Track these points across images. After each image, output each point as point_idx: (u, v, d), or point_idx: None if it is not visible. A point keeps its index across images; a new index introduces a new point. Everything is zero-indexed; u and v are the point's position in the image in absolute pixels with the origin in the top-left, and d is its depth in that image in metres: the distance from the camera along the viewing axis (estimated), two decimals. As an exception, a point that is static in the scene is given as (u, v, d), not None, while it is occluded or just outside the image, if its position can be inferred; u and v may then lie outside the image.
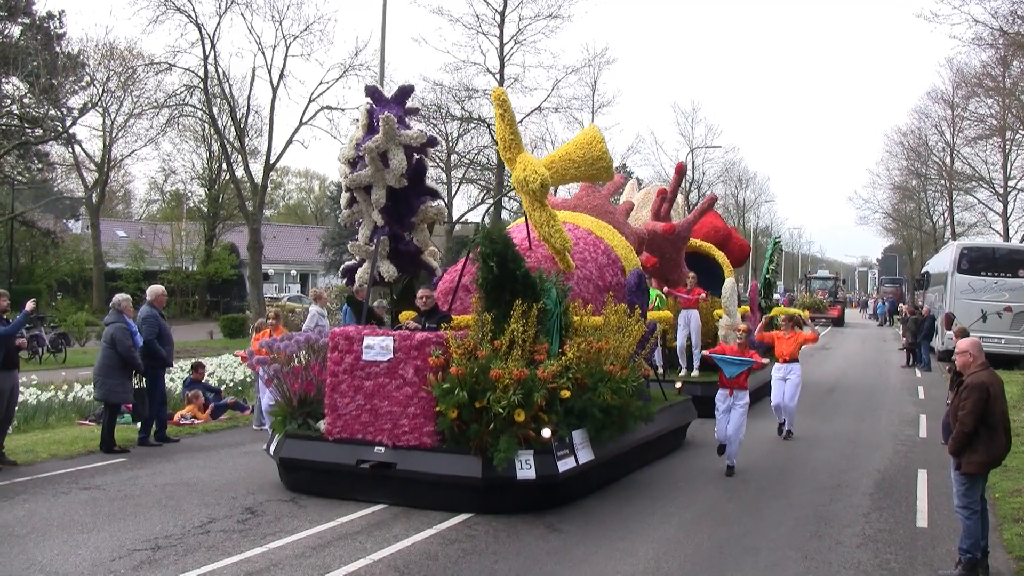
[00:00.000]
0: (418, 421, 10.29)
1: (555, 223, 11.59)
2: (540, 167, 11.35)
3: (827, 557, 8.91)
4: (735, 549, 9.12)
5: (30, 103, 39.81)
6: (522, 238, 13.00)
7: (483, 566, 8.37)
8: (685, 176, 17.57)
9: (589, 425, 10.74)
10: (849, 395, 23.00)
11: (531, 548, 8.96)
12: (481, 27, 44.59)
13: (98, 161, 50.97)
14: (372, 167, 11.86)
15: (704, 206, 19.81)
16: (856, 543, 9.45)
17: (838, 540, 9.53)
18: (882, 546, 9.37)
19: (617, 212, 16.26)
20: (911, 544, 9.51)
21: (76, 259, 51.59)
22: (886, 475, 13.01)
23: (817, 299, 58.93)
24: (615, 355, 11.21)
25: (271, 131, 41.54)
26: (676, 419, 14.53)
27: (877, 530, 9.98)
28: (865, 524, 10.23)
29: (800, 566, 8.61)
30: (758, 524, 10.10)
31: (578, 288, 12.23)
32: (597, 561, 8.60)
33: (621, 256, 13.90)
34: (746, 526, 10.01)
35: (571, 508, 10.55)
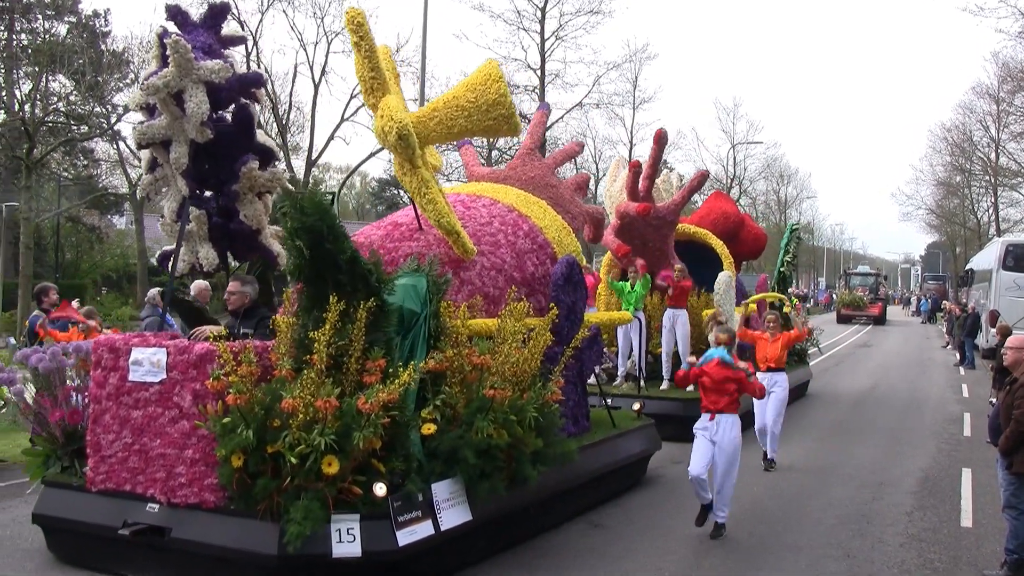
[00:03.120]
0: (198, 469, 7.22)
1: (430, 191, 8.45)
2: (400, 112, 8.17)
3: (869, 556, 8.83)
4: (776, 546, 9.07)
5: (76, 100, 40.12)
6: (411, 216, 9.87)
7: (523, 562, 8.40)
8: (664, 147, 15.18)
9: (462, 473, 7.71)
10: (891, 392, 22.71)
11: (571, 544, 9.00)
12: (522, 23, 44.74)
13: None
14: (166, 114, 9.14)
15: (694, 183, 16.41)
16: (899, 542, 9.36)
17: (880, 539, 9.44)
18: (926, 545, 9.28)
19: (562, 186, 13.04)
20: (955, 544, 9.40)
21: (120, 254, 52.16)
22: (929, 473, 12.84)
23: (857, 296, 57.96)
24: (506, 374, 8.08)
25: (313, 127, 41.88)
26: (630, 450, 11.15)
27: (921, 529, 9.88)
28: (908, 523, 10.12)
29: (842, 564, 8.55)
30: (799, 522, 10.03)
31: (481, 281, 9.28)
32: (637, 557, 8.59)
33: (552, 240, 10.48)
34: (787, 524, 9.95)
35: (612, 504, 10.49)
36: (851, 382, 24.55)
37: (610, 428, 10.98)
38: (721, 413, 9.21)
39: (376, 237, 9.19)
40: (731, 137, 65.80)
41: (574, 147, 14.38)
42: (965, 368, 29.03)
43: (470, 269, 9.25)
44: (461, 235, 8.85)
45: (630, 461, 11.15)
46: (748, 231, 19.66)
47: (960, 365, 29.99)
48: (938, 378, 26.48)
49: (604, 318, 12.33)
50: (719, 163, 66.07)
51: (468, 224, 9.57)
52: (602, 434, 10.63)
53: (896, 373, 27.68)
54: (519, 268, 9.82)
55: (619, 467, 10.75)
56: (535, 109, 47.00)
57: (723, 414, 9.22)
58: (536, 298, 9.71)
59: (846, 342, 40.60)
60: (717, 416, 9.21)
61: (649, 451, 11.81)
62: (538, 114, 13.75)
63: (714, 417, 9.23)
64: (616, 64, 49.93)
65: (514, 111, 8.68)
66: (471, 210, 9.91)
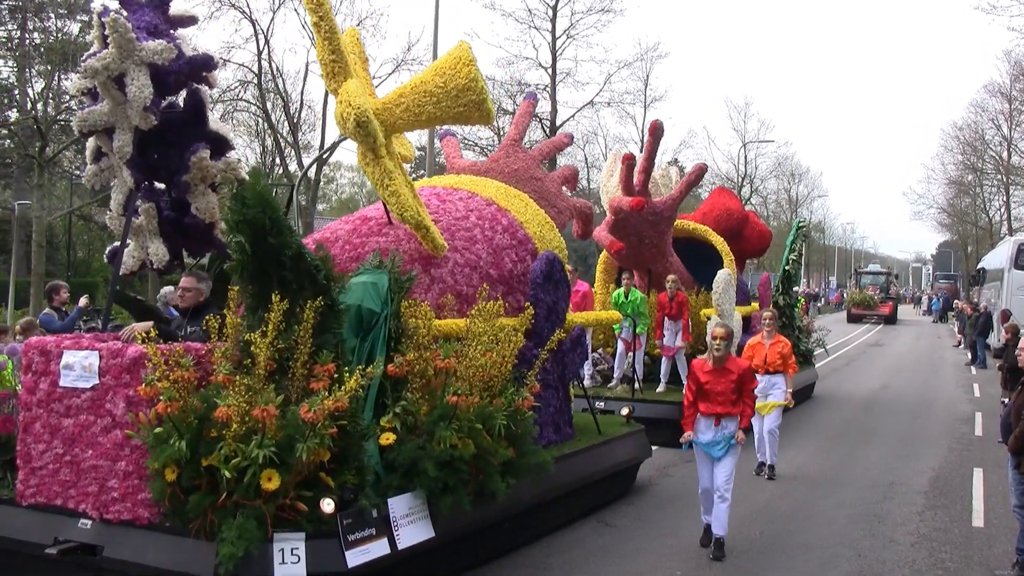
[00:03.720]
0: (132, 483, 6.48)
1: (393, 183, 7.58)
2: (359, 98, 7.32)
3: (881, 555, 8.70)
4: (787, 546, 8.94)
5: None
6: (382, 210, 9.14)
7: (535, 560, 8.27)
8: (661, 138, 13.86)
9: (423, 487, 6.93)
10: (902, 392, 22.25)
11: (583, 543, 8.84)
12: (533, 21, 44.08)
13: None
14: (107, 99, 8.16)
15: (692, 177, 14.90)
16: (910, 542, 9.20)
17: (892, 538, 9.29)
18: (937, 545, 9.13)
19: (547, 179, 12.13)
20: (967, 543, 9.24)
21: (132, 252, 51.75)
22: (941, 473, 12.58)
23: (868, 295, 56.80)
24: (473, 379, 7.26)
25: (324, 126, 41.40)
26: (616, 458, 10.25)
27: (932, 529, 9.70)
28: (920, 523, 9.93)
29: (853, 564, 8.42)
30: (810, 522, 9.85)
31: (454, 278, 8.51)
32: (648, 557, 8.48)
33: (533, 235, 9.64)
34: (798, 523, 9.77)
35: (623, 504, 10.29)
36: (862, 382, 24.06)
37: (596, 435, 10.14)
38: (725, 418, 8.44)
39: (343, 232, 8.49)
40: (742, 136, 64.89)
41: (562, 139, 13.40)
42: (977, 368, 28.56)
43: (441, 266, 8.46)
44: (430, 229, 8.07)
45: (616, 470, 10.27)
46: (752, 228, 18.61)
47: (972, 365, 29.42)
48: (949, 378, 26.07)
49: (591, 318, 11.42)
50: (730, 162, 65.32)
51: (442, 218, 8.84)
52: (586, 442, 9.77)
53: (907, 373, 27.21)
54: (496, 265, 8.98)
55: (604, 476, 9.89)
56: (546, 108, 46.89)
57: (727, 418, 8.45)
58: (515, 297, 8.94)
59: (856, 341, 39.89)
60: (722, 421, 8.44)
61: (638, 459, 10.92)
62: (524, 104, 12.88)
63: (719, 423, 8.44)
64: (627, 63, 48.93)
65: (486, 97, 7.81)
66: (447, 203, 9.15)
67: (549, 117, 43.84)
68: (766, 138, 64.62)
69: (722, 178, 63.58)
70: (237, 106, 45.37)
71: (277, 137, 44.05)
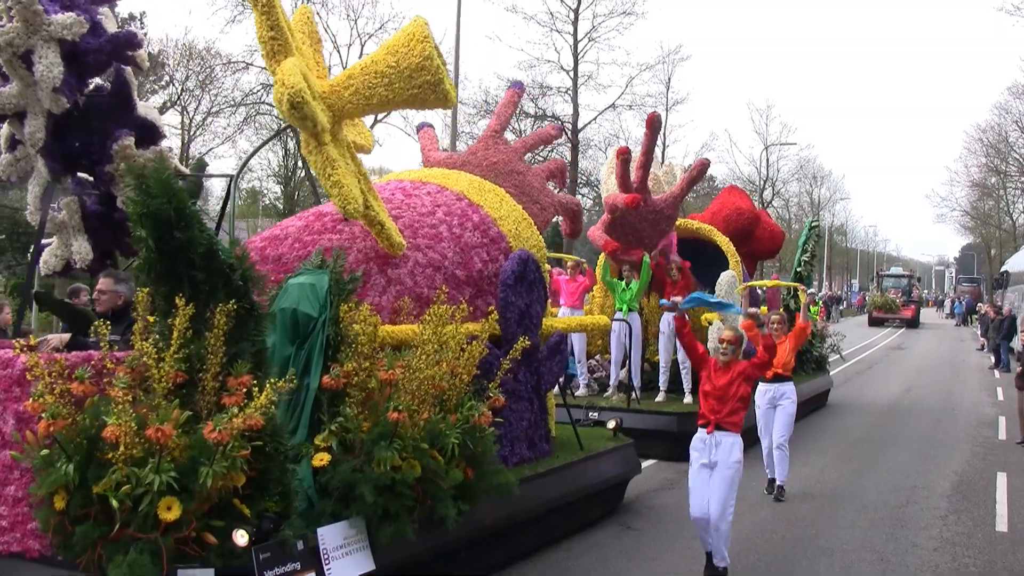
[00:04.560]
0: (22, 511, 5.52)
1: (335, 173, 6.50)
2: (294, 76, 6.15)
3: (903, 560, 8.51)
4: (809, 550, 8.73)
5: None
6: None
7: (556, 562, 8.06)
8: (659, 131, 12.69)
9: (360, 514, 5.95)
10: (925, 396, 21.57)
11: (603, 545, 8.60)
12: (555, 24, 43.01)
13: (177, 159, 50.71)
14: (15, 79, 7.20)
15: (693, 173, 13.40)
16: (933, 546, 8.98)
17: (914, 543, 9.08)
18: (960, 550, 8.89)
19: (531, 173, 10.82)
20: (990, 548, 9.00)
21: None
22: (964, 477, 12.25)
23: (889, 298, 55.17)
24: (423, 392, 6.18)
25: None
26: (599, 476, 9.12)
27: (955, 533, 9.47)
28: (943, 527, 9.69)
29: (875, 568, 8.25)
30: (832, 525, 9.63)
31: (413, 280, 7.39)
32: (669, 559, 8.28)
33: (507, 233, 8.48)
34: (820, 527, 9.54)
35: (644, 506, 10.05)
36: (884, 386, 23.36)
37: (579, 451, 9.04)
38: (721, 430, 7.38)
39: (294, 229, 7.54)
40: (764, 138, 63.44)
41: (549, 131, 12.21)
42: (1000, 371, 27.77)
43: (400, 266, 7.39)
44: (385, 226, 7.03)
45: (599, 488, 9.14)
46: (764, 228, 17.37)
47: (995, 368, 28.70)
48: (972, 381, 25.39)
49: (573, 323, 10.14)
50: (752, 164, 63.96)
51: (404, 214, 7.84)
52: (565, 459, 8.67)
53: (930, 376, 26.44)
54: (464, 265, 7.89)
55: (583, 496, 8.79)
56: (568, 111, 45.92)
57: (723, 432, 7.37)
58: (485, 300, 7.90)
59: (878, 345, 38.85)
60: (716, 432, 7.38)
61: (625, 475, 9.78)
62: (508, 93, 11.73)
63: (712, 431, 7.37)
64: (649, 65, 48.05)
65: (442, 77, 6.68)
66: (412, 198, 8.15)
67: (571, 120, 43.06)
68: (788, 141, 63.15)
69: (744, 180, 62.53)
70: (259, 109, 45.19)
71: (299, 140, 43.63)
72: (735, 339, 7.52)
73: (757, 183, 62.52)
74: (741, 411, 7.50)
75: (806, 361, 17.69)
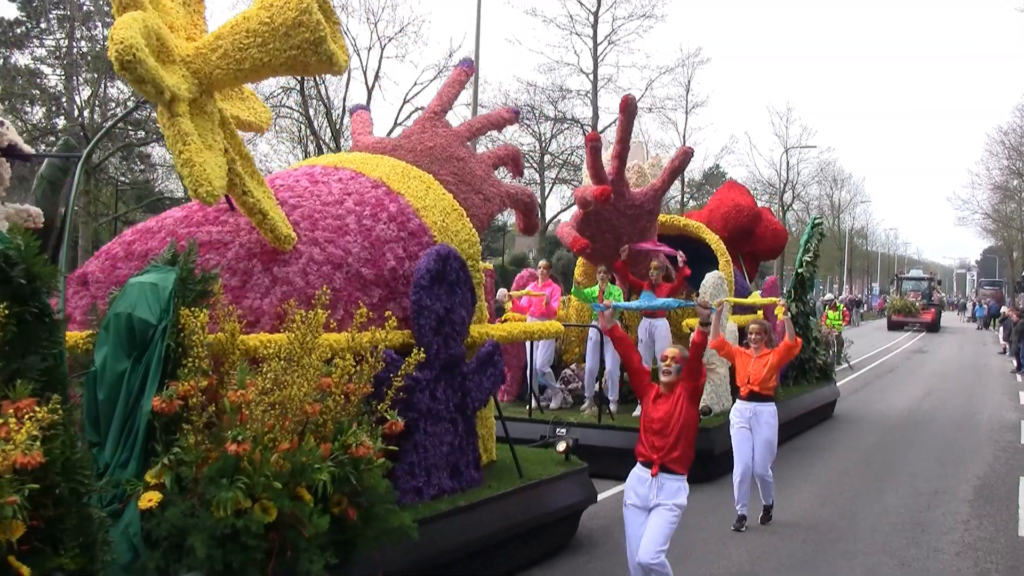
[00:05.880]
0: None
1: (187, 149, 5.12)
2: (126, 31, 4.79)
3: (924, 564, 8.23)
4: (830, 554, 8.41)
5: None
6: None
7: (575, 565, 7.68)
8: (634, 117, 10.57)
9: (194, 569, 4.55)
10: (945, 400, 20.71)
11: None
12: (575, 27, 42.22)
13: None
14: None
15: (675, 163, 11.60)
16: (955, 551, 8.67)
17: (936, 547, 8.76)
18: (982, 555, 8.58)
19: (473, 160, 9.24)
20: (1012, 553, 8.69)
21: (177, 257, 51.33)
22: (986, 482, 11.87)
23: (909, 302, 52.96)
24: (271, 418, 4.81)
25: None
26: (543, 508, 7.57)
27: (977, 538, 9.13)
28: (964, 532, 9.37)
29: (896, 573, 8.01)
30: (853, 529, 9.29)
31: (305, 279, 5.98)
32: (691, 563, 7.90)
33: (431, 225, 6.99)
34: (841, 531, 9.20)
35: None
36: (904, 389, 22.43)
37: (512, 481, 7.40)
38: (666, 471, 6.02)
39: (171, 220, 6.20)
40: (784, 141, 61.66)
41: (502, 113, 10.43)
42: (1022, 375, 26.99)
43: (290, 263, 5.99)
44: (267, 215, 5.71)
45: (544, 522, 7.58)
46: (765, 226, 15.70)
47: (1017, 372, 27.68)
48: (994, 385, 24.45)
49: (516, 331, 8.27)
50: (772, 167, 62.27)
51: (306, 203, 6.45)
52: (498, 489, 7.08)
53: (951, 380, 25.37)
54: (372, 262, 6.42)
55: (521, 533, 7.26)
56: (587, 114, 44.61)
57: (668, 474, 6.02)
58: (399, 303, 6.47)
59: (899, 349, 37.28)
60: (660, 475, 6.02)
61: (577, 506, 8.17)
62: (455, 72, 10.04)
63: (656, 472, 6.01)
64: (669, 68, 46.48)
65: (324, 35, 5.26)
66: (318, 185, 6.73)
67: (591, 123, 42.06)
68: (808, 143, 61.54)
69: (764, 183, 61.01)
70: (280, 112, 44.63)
71: (319, 143, 42.97)
72: (679, 356, 6.06)
73: (777, 186, 61.21)
74: (688, 449, 6.10)
75: (809, 370, 16.10)
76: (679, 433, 6.02)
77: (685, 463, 6.09)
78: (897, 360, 31.97)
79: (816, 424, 15.60)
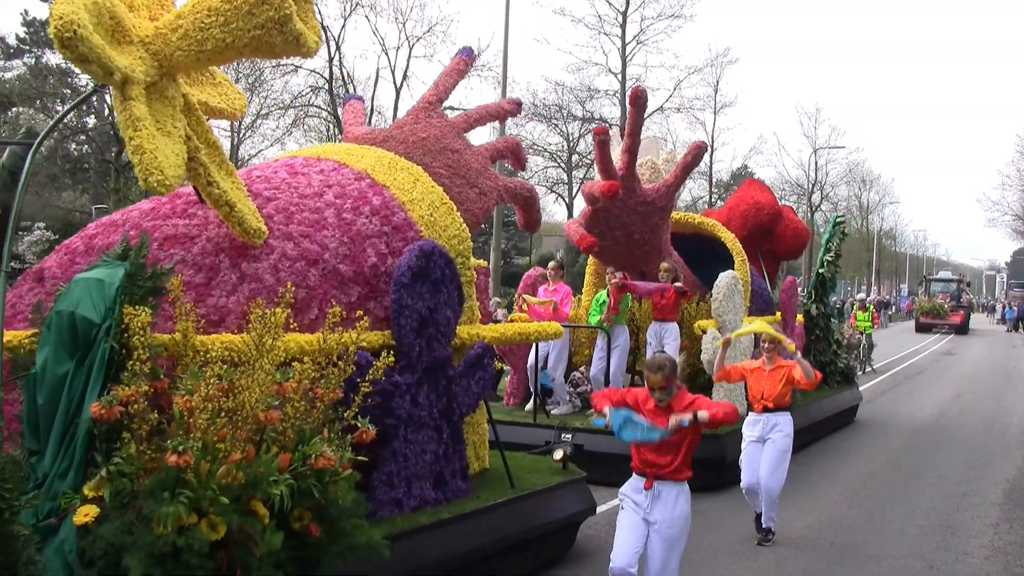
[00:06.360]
0: None
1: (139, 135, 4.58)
2: (67, 5, 4.28)
3: (953, 568, 8.08)
4: (857, 557, 8.27)
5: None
6: None
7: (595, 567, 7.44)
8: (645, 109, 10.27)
9: None
10: (975, 402, 20.31)
11: None
12: (603, 27, 41.78)
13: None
14: None
15: (688, 158, 10.96)
16: (984, 555, 8.49)
17: (965, 551, 8.60)
18: (1012, 559, 8.40)
19: (469, 152, 8.62)
20: None
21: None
22: (1016, 485, 11.61)
23: (937, 304, 51.74)
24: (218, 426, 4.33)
25: (394, 129, 39.80)
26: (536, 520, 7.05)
27: (1007, 542, 8.95)
28: (994, 535, 9.19)
29: None
30: (881, 532, 9.18)
31: (276, 276, 5.49)
32: (717, 565, 7.86)
33: (418, 219, 6.45)
34: (868, 534, 9.12)
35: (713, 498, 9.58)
36: (933, 391, 21.97)
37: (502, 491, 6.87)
38: (661, 480, 5.58)
39: (137, 213, 5.78)
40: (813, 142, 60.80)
41: (503, 104, 9.77)
42: None
43: (260, 259, 5.51)
44: (235, 208, 5.25)
45: (538, 534, 7.07)
46: (786, 225, 15.03)
47: None
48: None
49: (510, 332, 7.61)
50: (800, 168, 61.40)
51: (282, 195, 5.99)
52: (486, 500, 6.57)
53: (980, 383, 24.76)
54: (352, 258, 5.93)
55: (511, 546, 6.73)
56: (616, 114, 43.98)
57: (664, 481, 5.59)
58: (380, 302, 6.00)
59: (927, 351, 36.52)
60: (656, 484, 5.59)
61: (574, 517, 7.66)
62: (454, 60, 9.45)
63: (651, 484, 5.59)
64: (697, 68, 46.14)
65: (289, 13, 4.75)
66: (297, 176, 6.27)
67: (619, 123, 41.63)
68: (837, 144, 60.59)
69: (792, 184, 60.18)
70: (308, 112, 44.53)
71: (347, 142, 42.78)
72: (665, 381, 5.52)
73: (806, 187, 60.34)
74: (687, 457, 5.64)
75: (830, 374, 15.45)
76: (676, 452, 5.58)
77: (684, 470, 5.64)
78: (925, 362, 31.36)
79: (836, 431, 15.01)
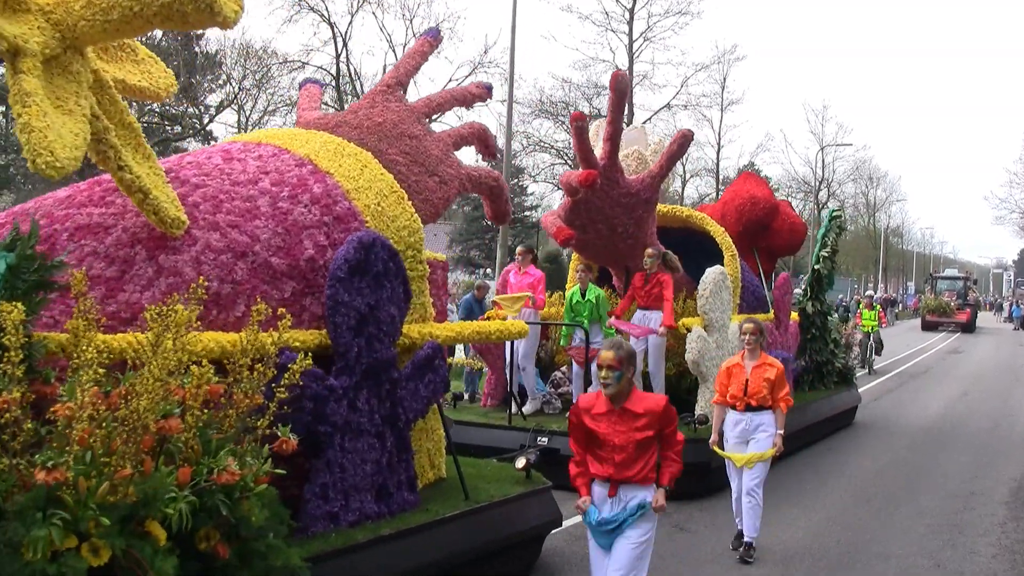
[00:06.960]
0: None
1: (28, 112, 4.02)
2: None
3: (960, 567, 7.94)
4: (864, 555, 8.15)
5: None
6: None
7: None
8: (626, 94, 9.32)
9: None
10: (982, 400, 20.02)
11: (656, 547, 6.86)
12: (610, 24, 41.31)
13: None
14: None
15: (674, 147, 10.25)
16: (992, 553, 8.37)
17: (972, 549, 8.47)
18: (1020, 557, 8.29)
19: (429, 138, 7.93)
20: None
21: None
22: (1023, 484, 11.42)
23: (943, 302, 50.80)
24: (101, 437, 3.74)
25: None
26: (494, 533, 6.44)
27: (1014, 541, 8.82)
28: (1001, 534, 9.04)
29: (932, 574, 7.75)
30: (888, 530, 9.10)
31: (197, 270, 4.98)
32: (724, 562, 7.74)
33: (363, 208, 5.88)
34: (875, 532, 9.03)
35: (698, 508, 9.40)
36: (939, 389, 21.66)
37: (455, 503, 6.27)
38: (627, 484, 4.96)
39: (52, 202, 5.26)
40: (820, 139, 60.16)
41: (471, 88, 8.99)
42: None
43: (181, 252, 4.99)
44: (150, 195, 4.71)
45: (494, 550, 6.41)
46: (783, 220, 14.21)
47: None
48: None
49: (467, 330, 6.93)
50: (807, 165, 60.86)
51: (212, 182, 5.45)
52: (435, 513, 5.95)
53: (987, 381, 24.33)
54: (286, 251, 5.36)
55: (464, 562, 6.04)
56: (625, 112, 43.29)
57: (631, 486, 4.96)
58: (318, 298, 5.43)
59: (934, 349, 35.94)
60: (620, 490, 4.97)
61: (537, 529, 6.95)
62: (419, 41, 8.75)
63: (615, 492, 4.98)
64: (704, 65, 45.62)
65: None
66: (232, 163, 5.69)
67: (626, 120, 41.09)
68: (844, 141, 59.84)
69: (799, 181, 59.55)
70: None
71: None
72: (618, 360, 4.87)
73: (812, 184, 59.75)
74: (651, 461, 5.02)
75: (827, 374, 14.81)
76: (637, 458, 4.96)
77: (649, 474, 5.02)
78: (931, 361, 30.88)
79: (832, 433, 14.35)
